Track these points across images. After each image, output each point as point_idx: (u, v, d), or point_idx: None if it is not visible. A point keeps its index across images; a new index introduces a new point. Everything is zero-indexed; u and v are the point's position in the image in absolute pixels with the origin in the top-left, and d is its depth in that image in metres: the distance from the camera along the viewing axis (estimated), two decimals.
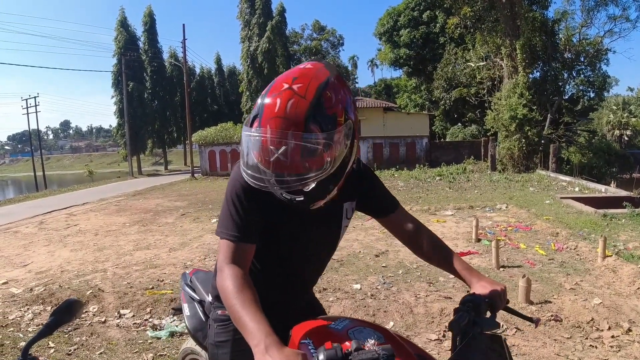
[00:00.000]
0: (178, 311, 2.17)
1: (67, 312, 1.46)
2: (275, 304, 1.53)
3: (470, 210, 9.86)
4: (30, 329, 4.67)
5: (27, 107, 37.25)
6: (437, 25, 33.51)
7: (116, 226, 10.55)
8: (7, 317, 5.11)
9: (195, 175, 25.97)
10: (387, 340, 1.24)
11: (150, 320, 4.69)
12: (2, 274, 7.24)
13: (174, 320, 4.57)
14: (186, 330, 2.14)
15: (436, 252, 1.57)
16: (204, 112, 45.93)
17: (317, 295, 4.61)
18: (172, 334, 4.24)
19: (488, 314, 1.34)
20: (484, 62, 24.25)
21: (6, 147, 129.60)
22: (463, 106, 32.23)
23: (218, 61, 51.86)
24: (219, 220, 1.40)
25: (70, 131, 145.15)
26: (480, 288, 1.38)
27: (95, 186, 25.92)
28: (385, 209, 1.65)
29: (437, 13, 33.76)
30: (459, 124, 33.56)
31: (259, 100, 1.22)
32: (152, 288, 5.66)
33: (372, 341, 1.09)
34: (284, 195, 1.26)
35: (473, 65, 25.33)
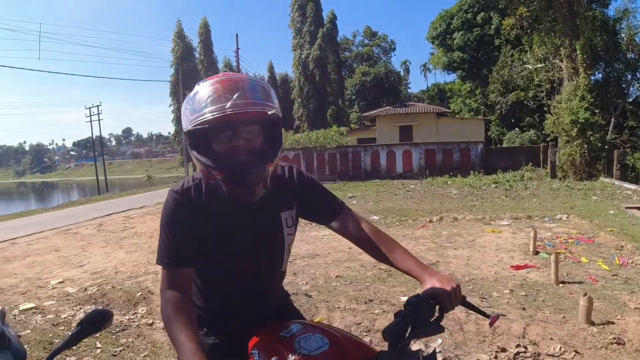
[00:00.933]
0: None
1: (94, 323, 1.39)
2: (230, 317, 1.57)
3: (528, 220, 9.36)
4: None
5: (90, 115, 39.21)
6: (492, 27, 32.56)
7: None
8: (60, 316, 5.26)
9: None
10: (332, 345, 1.25)
11: None
12: (59, 273, 7.54)
13: None
14: None
15: (385, 250, 1.55)
16: None
17: (362, 307, 4.50)
18: None
19: (437, 315, 1.30)
20: (542, 64, 23.19)
21: (72, 153, 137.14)
22: (520, 110, 31.06)
23: (271, 69, 52.62)
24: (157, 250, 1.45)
25: (132, 138, 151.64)
26: (430, 285, 1.37)
27: (153, 190, 26.83)
28: (329, 213, 1.64)
29: (491, 14, 32.81)
30: (516, 129, 32.30)
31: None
32: None
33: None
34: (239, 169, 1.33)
35: (531, 67, 24.29)
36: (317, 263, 6.68)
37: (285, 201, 1.57)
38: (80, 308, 5.45)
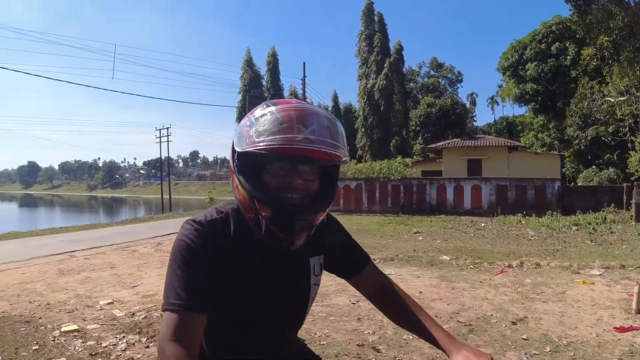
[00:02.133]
0: None
1: None
2: None
3: (622, 270, 8.24)
4: None
5: (160, 137, 40.72)
6: (568, 57, 31.02)
7: None
8: (101, 344, 4.96)
9: None
10: None
11: None
12: (110, 293, 7.35)
13: None
14: None
15: (410, 316, 1.41)
16: None
17: None
18: None
19: None
20: (625, 97, 21.56)
21: (141, 171, 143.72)
22: (598, 147, 29.05)
23: (335, 98, 53.01)
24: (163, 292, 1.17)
25: (198, 160, 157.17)
26: (462, 356, 1.21)
27: None
28: (356, 267, 1.50)
29: (567, 45, 31.31)
30: (593, 166, 30.22)
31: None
32: None
33: None
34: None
35: (612, 100, 22.68)
36: None
37: (315, 245, 1.38)
38: (123, 337, 5.16)
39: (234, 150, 1.20)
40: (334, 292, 6.97)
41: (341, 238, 1.51)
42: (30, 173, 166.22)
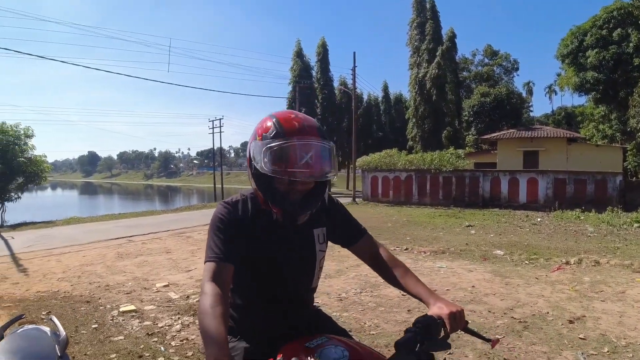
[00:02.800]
0: None
1: None
2: (262, 329, 1.69)
3: None
4: (173, 343, 4.63)
5: (212, 128, 41.76)
6: (631, 44, 29.11)
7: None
8: (157, 324, 5.22)
9: (357, 199, 26.04)
10: (351, 357, 1.33)
11: None
12: (166, 276, 7.71)
13: None
14: None
15: (398, 275, 1.71)
16: (369, 138, 46.43)
17: None
18: None
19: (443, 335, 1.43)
20: None
21: (195, 161, 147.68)
22: None
23: (385, 88, 52.42)
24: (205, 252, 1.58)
25: None
26: (437, 309, 1.48)
27: None
28: (353, 236, 1.84)
29: (629, 31, 29.44)
30: None
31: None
32: None
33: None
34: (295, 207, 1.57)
35: None
36: None
37: (318, 219, 1.75)
38: (178, 318, 5.42)
39: (250, 156, 1.59)
40: (383, 283, 6.97)
41: (340, 215, 1.86)
42: (90, 162, 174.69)
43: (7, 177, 20.16)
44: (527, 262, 8.56)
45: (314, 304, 1.97)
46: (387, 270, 1.75)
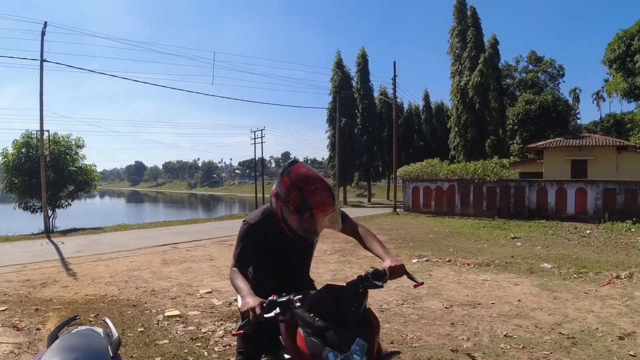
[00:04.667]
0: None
1: None
2: (272, 290, 2.17)
3: None
4: (216, 348, 4.70)
5: (254, 138, 42.40)
6: None
7: (317, 253, 10.62)
8: (200, 329, 5.32)
9: (397, 210, 25.78)
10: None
11: None
12: (209, 283, 7.85)
13: None
14: None
15: (367, 242, 2.53)
16: (410, 148, 45.95)
17: None
18: None
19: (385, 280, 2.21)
20: None
21: (237, 171, 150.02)
22: None
23: (426, 97, 51.82)
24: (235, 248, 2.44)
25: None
26: (384, 264, 2.25)
27: None
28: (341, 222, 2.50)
29: None
30: None
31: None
32: None
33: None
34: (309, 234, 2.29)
35: None
36: (479, 315, 5.85)
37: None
38: (221, 324, 5.51)
39: (277, 193, 2.27)
40: (426, 295, 6.88)
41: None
42: (137, 172, 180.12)
43: (58, 185, 21.04)
44: (575, 275, 8.23)
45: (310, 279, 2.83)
46: (361, 239, 2.56)
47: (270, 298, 2.03)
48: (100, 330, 2.16)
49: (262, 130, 42.69)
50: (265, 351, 2.51)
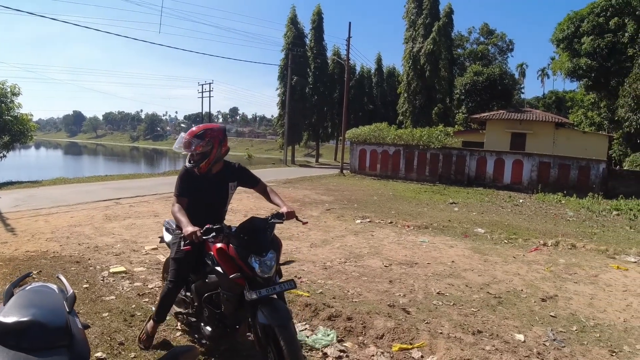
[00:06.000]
0: (162, 239, 4.33)
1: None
2: (200, 224, 3.11)
3: None
4: None
5: (202, 92, 41.30)
6: (626, 34, 29.19)
7: (265, 211, 10.75)
8: (147, 285, 5.34)
9: (344, 171, 26.19)
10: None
11: None
12: (154, 239, 7.60)
13: (305, 329, 4.27)
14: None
15: (272, 197, 3.69)
16: (360, 111, 46.28)
17: (470, 339, 4.17)
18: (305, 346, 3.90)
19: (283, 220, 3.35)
20: None
21: (182, 125, 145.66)
22: None
23: (378, 61, 51.92)
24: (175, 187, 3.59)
25: (237, 117, 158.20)
26: (284, 209, 3.41)
27: (253, 169, 27.17)
28: (251, 183, 3.80)
29: (625, 21, 29.46)
30: None
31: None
32: None
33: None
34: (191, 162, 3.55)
35: None
36: (415, 273, 6.22)
37: (231, 177, 3.71)
38: None
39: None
40: (367, 254, 7.19)
41: (245, 173, 3.80)
42: (75, 122, 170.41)
43: None
44: (506, 241, 8.82)
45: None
46: (268, 195, 3.71)
47: (207, 226, 3.04)
48: (54, 286, 2.16)
49: (210, 84, 41.69)
50: (192, 272, 3.57)
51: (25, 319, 1.74)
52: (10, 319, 1.73)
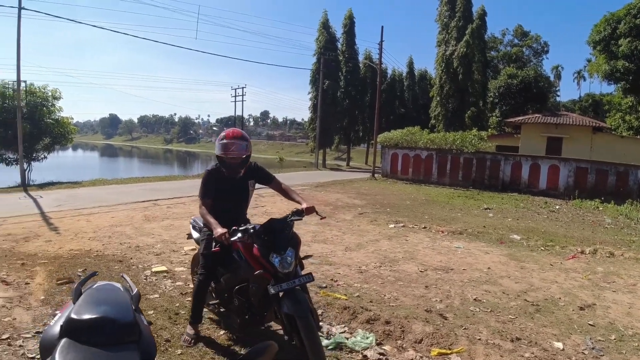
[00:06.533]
0: (190, 236, 4.79)
1: (256, 357, 1.30)
2: (225, 222, 3.57)
3: None
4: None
5: (235, 96, 41.96)
6: None
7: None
8: (188, 285, 5.54)
9: (375, 175, 26.20)
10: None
11: (320, 324, 4.56)
12: (192, 240, 7.79)
13: (344, 331, 4.40)
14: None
15: (289, 193, 4.05)
16: (391, 114, 46.02)
17: (508, 346, 4.24)
18: (338, 346, 4.04)
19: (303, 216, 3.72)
20: None
21: (214, 128, 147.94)
22: None
23: (410, 64, 51.55)
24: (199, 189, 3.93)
25: (268, 121, 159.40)
26: (303, 205, 3.74)
27: (284, 172, 27.93)
28: (267, 180, 4.15)
29: None
30: None
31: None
32: (326, 287, 5.61)
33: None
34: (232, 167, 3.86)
35: None
36: (451, 279, 6.27)
37: (250, 176, 4.05)
38: None
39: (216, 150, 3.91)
40: (402, 259, 7.28)
41: (262, 172, 4.15)
42: (111, 125, 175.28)
43: (34, 137, 20.44)
44: (542, 248, 8.74)
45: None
46: (285, 193, 4.08)
47: (234, 228, 3.47)
48: (119, 285, 2.31)
49: (243, 87, 42.27)
50: (219, 266, 3.92)
51: (96, 315, 1.85)
52: (82, 316, 1.84)
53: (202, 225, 4.11)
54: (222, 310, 4.30)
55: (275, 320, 3.81)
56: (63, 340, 1.78)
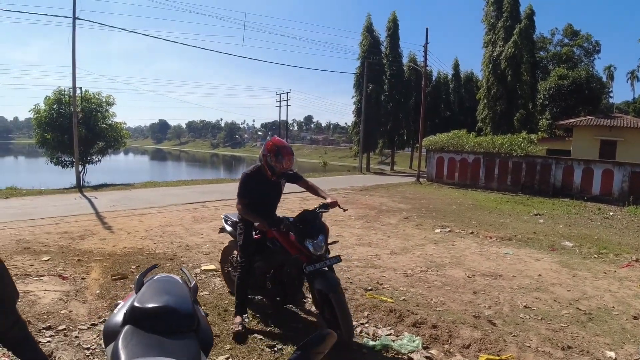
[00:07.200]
0: (222, 229, 5.37)
1: (316, 346, 1.34)
2: (261, 217, 4.15)
3: None
4: (255, 300, 5.02)
5: (279, 101, 42.59)
6: None
7: (342, 217, 10.95)
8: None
9: (420, 179, 25.84)
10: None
11: (366, 325, 4.58)
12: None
13: (390, 333, 4.37)
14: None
15: (315, 190, 4.52)
16: (436, 118, 45.30)
17: (559, 354, 4.08)
18: (385, 348, 4.01)
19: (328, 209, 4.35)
20: None
21: (259, 133, 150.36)
22: None
23: (456, 66, 50.59)
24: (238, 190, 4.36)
25: (312, 125, 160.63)
26: (328, 200, 4.35)
27: (328, 176, 28.00)
28: (296, 179, 4.57)
29: None
30: None
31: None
32: (372, 290, 5.60)
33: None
34: (280, 175, 4.38)
35: None
36: (500, 285, 6.11)
37: (282, 176, 4.39)
38: None
39: (263, 154, 4.29)
40: (448, 264, 7.15)
41: (292, 173, 4.44)
42: (160, 130, 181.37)
43: (89, 141, 21.38)
44: (595, 255, 8.37)
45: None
46: (312, 189, 4.50)
47: (275, 219, 4.25)
48: (177, 277, 2.42)
49: (287, 93, 42.76)
50: (256, 253, 4.42)
51: (159, 304, 1.94)
52: (145, 305, 1.94)
53: (235, 220, 4.67)
54: (256, 298, 4.96)
55: (301, 301, 4.85)
56: (126, 327, 1.87)
